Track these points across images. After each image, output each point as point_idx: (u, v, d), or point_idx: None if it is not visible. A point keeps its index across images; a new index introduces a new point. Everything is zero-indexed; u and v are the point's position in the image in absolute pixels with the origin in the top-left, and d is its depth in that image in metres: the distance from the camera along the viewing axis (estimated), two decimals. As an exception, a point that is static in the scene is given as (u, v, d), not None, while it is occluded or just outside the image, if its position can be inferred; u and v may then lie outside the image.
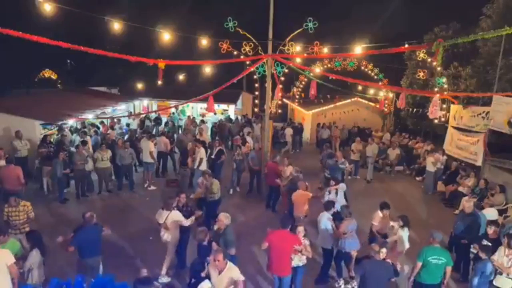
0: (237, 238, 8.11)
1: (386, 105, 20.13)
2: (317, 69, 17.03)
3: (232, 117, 21.25)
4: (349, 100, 21.85)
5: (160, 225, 7.01)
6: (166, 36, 9.45)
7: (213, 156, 12.17)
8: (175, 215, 6.94)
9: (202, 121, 18.46)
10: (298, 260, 6.19)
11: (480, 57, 14.90)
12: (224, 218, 6.39)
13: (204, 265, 5.54)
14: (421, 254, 6.01)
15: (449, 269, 6.06)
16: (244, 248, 7.97)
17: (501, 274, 5.99)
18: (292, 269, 6.13)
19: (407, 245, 6.78)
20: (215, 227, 6.58)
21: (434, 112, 9.80)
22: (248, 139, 14.31)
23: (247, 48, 11.72)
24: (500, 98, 11.37)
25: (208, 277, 5.38)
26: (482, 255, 5.99)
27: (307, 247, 6.21)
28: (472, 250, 7.17)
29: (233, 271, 5.20)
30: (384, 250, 5.75)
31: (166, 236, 6.96)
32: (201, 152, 11.36)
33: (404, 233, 6.78)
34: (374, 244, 5.90)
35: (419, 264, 5.99)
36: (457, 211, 10.11)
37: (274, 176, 10.35)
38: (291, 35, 11.39)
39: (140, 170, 12.99)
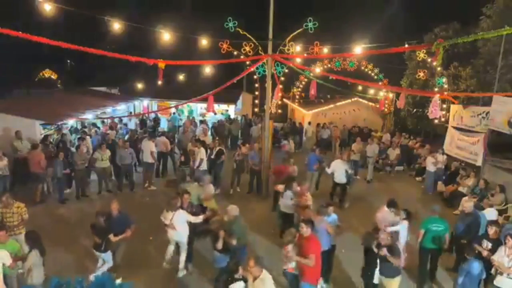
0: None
1: (386, 105, 20.13)
2: (317, 69, 17.03)
3: (233, 117, 21.24)
4: (349, 100, 21.83)
5: (167, 226, 7.03)
6: (166, 36, 9.46)
7: (213, 156, 12.17)
8: (181, 214, 6.99)
9: (201, 121, 18.45)
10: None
11: (480, 57, 14.92)
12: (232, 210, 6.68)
13: (238, 266, 5.42)
14: (424, 223, 7.20)
15: (447, 236, 7.13)
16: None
17: (501, 274, 5.99)
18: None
19: (405, 239, 7.04)
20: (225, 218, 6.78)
21: (434, 112, 9.80)
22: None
23: (247, 48, 11.73)
24: (500, 98, 11.37)
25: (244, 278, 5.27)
26: (467, 256, 6.00)
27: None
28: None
29: (266, 283, 5.00)
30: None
31: (175, 236, 7.01)
32: (201, 152, 11.36)
33: (403, 227, 7.02)
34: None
35: (422, 231, 7.10)
36: (457, 211, 10.11)
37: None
38: (291, 35, 11.39)
39: (140, 170, 13.00)
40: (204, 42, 11.20)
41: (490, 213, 8.21)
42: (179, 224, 6.95)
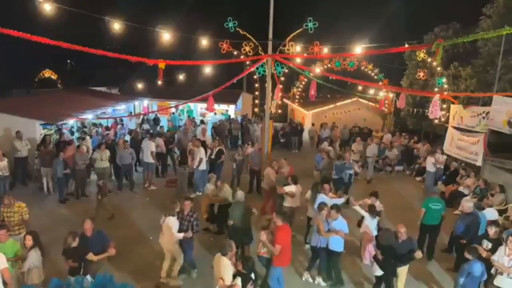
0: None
1: (386, 105, 20.14)
2: (317, 69, 17.03)
3: (233, 117, 21.23)
4: (349, 100, 21.84)
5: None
6: (166, 36, 9.47)
7: (213, 156, 12.16)
8: (170, 222, 6.66)
9: (201, 121, 18.44)
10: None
11: (480, 57, 14.90)
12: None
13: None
14: (424, 202, 8.03)
15: (444, 214, 7.94)
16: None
17: (501, 274, 5.99)
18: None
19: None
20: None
21: (434, 112, 9.82)
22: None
23: (247, 48, 11.74)
24: (500, 98, 11.36)
25: None
26: (469, 256, 5.97)
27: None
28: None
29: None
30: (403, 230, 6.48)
31: (160, 240, 6.85)
32: (201, 152, 11.36)
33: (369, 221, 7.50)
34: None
35: (423, 210, 7.91)
36: (457, 211, 10.11)
37: None
38: (291, 35, 11.41)
39: (140, 170, 12.99)
40: (204, 42, 11.20)
41: (490, 213, 8.20)
42: (166, 230, 6.66)
